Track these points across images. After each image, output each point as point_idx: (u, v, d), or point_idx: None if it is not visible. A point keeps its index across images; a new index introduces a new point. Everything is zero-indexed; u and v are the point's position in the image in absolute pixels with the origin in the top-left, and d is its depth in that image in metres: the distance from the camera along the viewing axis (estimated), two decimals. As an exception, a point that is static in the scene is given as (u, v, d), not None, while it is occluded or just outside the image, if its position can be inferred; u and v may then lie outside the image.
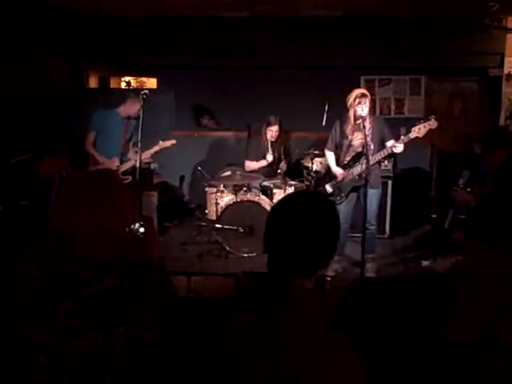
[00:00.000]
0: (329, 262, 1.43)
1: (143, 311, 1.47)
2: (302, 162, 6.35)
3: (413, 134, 4.59)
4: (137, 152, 5.01)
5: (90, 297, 1.43)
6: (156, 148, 5.50)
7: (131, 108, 5.41)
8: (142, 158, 5.16)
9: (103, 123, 5.40)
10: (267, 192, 5.84)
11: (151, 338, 1.48)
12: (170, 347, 1.50)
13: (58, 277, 1.45)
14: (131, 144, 5.60)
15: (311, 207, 1.42)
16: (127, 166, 5.46)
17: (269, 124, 5.99)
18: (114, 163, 5.38)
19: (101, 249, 1.51)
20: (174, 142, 5.61)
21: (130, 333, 1.43)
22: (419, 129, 4.58)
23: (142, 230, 1.78)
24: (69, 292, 1.43)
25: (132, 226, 1.71)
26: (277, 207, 1.48)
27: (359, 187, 4.78)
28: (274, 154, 6.07)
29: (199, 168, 6.15)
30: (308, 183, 5.80)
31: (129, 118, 5.48)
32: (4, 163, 5.39)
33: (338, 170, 4.94)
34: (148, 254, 1.80)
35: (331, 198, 4.82)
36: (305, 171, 6.10)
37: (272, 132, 6.00)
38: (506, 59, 6.73)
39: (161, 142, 5.52)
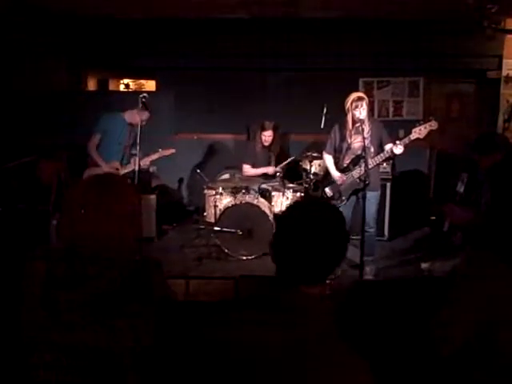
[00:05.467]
0: (336, 268, 1.42)
1: (143, 309, 1.47)
2: (300, 164, 6.35)
3: (414, 135, 4.58)
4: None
5: (94, 291, 1.44)
6: (155, 156, 5.56)
7: (138, 116, 5.35)
8: (141, 164, 5.16)
9: (109, 126, 5.39)
10: (266, 195, 5.83)
11: (150, 336, 1.48)
12: (168, 348, 1.49)
13: (65, 272, 1.47)
14: (131, 150, 5.60)
15: (320, 215, 1.41)
16: (127, 169, 5.46)
17: (263, 129, 6.03)
18: (114, 166, 5.37)
19: (109, 251, 1.52)
20: (173, 151, 5.69)
21: (129, 330, 1.44)
22: (420, 130, 4.56)
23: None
24: (74, 285, 1.44)
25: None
26: (285, 215, 1.47)
27: (359, 190, 4.77)
28: (275, 164, 6.19)
29: (198, 171, 6.14)
30: (307, 186, 5.79)
31: (133, 124, 5.46)
32: (3, 166, 5.39)
33: (337, 174, 4.93)
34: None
35: (332, 202, 4.82)
36: (303, 174, 6.10)
37: (265, 137, 6.06)
38: (505, 61, 6.74)
39: (160, 150, 5.56)
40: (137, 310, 1.47)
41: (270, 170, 6.16)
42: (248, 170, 6.18)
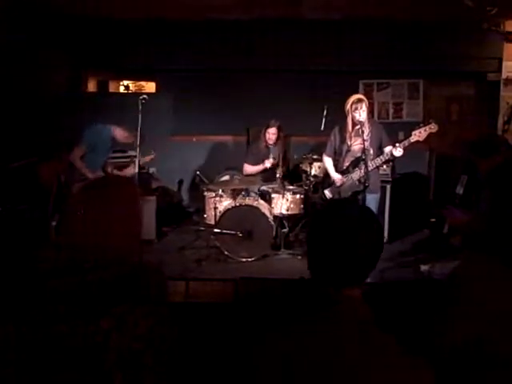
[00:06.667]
0: (373, 269, 1.40)
1: (134, 311, 1.46)
2: (300, 166, 6.35)
3: (413, 138, 4.58)
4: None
5: (82, 284, 1.43)
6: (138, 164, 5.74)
7: (120, 134, 5.57)
8: (129, 171, 5.38)
9: (95, 139, 5.46)
10: (266, 196, 5.83)
11: (136, 342, 1.47)
12: (161, 355, 1.48)
13: (59, 266, 1.46)
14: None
15: (356, 215, 1.40)
16: (124, 173, 5.55)
17: (268, 126, 6.01)
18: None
19: (108, 252, 1.52)
20: (152, 156, 5.85)
21: (112, 332, 1.42)
22: (420, 132, 4.57)
23: None
24: (67, 280, 1.44)
25: None
26: (320, 218, 1.45)
27: (359, 192, 4.77)
28: (273, 159, 6.08)
29: (198, 172, 6.14)
30: (306, 187, 5.79)
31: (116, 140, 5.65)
32: (4, 167, 5.39)
33: (336, 176, 4.94)
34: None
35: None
36: (303, 175, 6.09)
37: (270, 134, 6.01)
38: (504, 63, 6.75)
39: (141, 158, 5.70)
40: (126, 311, 1.45)
41: (267, 162, 6.06)
42: (248, 168, 6.16)
